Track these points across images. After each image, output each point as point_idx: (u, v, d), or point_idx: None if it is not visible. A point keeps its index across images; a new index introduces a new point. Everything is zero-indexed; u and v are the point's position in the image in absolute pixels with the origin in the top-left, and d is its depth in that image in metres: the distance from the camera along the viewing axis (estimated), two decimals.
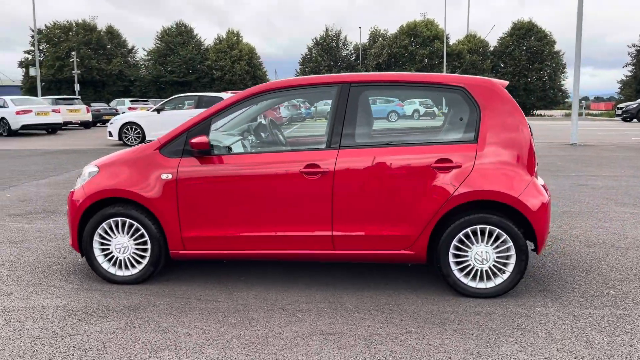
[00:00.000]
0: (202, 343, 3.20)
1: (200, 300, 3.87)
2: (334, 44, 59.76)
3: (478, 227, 3.83)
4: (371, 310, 3.70)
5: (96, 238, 4.16)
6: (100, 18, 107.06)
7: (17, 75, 61.87)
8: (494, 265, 3.88)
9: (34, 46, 56.87)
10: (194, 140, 3.91)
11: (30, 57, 57.16)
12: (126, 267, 4.18)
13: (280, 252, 4.03)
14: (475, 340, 3.24)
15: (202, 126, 4.05)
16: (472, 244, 3.87)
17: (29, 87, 55.70)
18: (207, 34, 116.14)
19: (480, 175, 3.81)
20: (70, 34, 56.80)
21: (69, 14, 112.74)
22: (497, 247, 3.85)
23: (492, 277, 3.89)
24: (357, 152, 3.92)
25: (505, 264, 3.87)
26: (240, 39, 58.21)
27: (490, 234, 3.84)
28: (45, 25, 56.89)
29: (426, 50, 55.15)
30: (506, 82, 4.11)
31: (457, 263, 3.91)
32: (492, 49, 57.17)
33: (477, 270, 3.89)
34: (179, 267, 4.58)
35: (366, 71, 57.19)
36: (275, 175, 3.95)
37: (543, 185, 4.15)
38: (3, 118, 21.38)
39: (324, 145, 3.97)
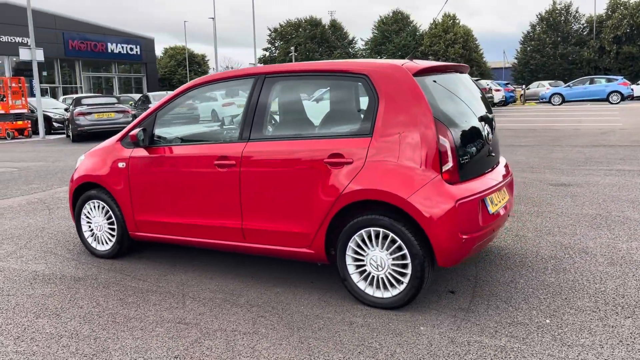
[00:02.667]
0: (80, 315, 3.59)
1: (134, 279, 4.27)
2: (562, 18, 53.94)
3: (371, 229, 3.46)
4: (255, 306, 3.65)
5: (82, 216, 4.87)
6: (338, 12, 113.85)
7: None
8: (390, 274, 3.47)
9: (270, 44, 63.81)
10: (130, 133, 4.32)
11: (267, 53, 64.36)
12: (102, 243, 4.81)
13: (204, 240, 4.19)
14: (302, 350, 3.01)
15: (148, 120, 4.41)
16: (368, 247, 3.52)
17: None
18: (427, 18, 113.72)
19: (371, 172, 3.43)
20: (300, 30, 62.13)
21: (314, 11, 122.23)
22: (393, 253, 3.43)
23: (388, 286, 3.48)
24: (261, 145, 3.85)
25: (402, 274, 3.43)
26: (457, 21, 56.49)
27: (386, 238, 3.44)
28: (280, 24, 63.28)
29: None
30: (421, 65, 3.56)
31: (358, 267, 3.59)
32: None
33: (373, 277, 3.53)
34: (159, 248, 5.04)
35: (600, 47, 50.51)
36: (197, 167, 4.11)
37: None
38: (213, 110, 24.79)
39: (237, 138, 3.99)
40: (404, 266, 3.41)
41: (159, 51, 66.87)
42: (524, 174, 8.27)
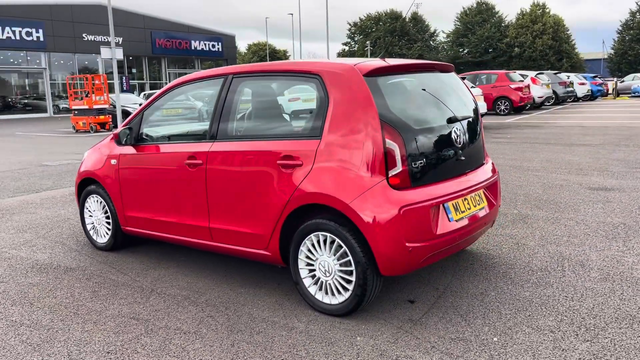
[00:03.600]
0: (49, 305, 3.77)
1: (118, 272, 4.43)
2: None
3: (320, 234, 3.38)
4: (210, 306, 3.67)
5: (85, 209, 5.13)
6: (425, 3, 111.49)
7: None
8: (337, 280, 3.37)
9: (349, 38, 63.83)
10: (114, 132, 4.48)
11: (347, 48, 64.41)
12: (101, 236, 5.03)
13: (179, 238, 4.27)
14: (229, 354, 3.00)
15: (136, 119, 4.56)
16: (317, 252, 3.43)
17: None
18: (514, 9, 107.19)
19: (318, 175, 3.34)
20: (380, 23, 61.59)
21: (400, 4, 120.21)
22: (340, 259, 3.33)
23: (335, 293, 3.39)
24: (225, 145, 3.86)
25: (348, 281, 3.32)
26: (547, 10, 53.54)
27: (333, 243, 3.34)
28: (360, 18, 63.09)
29: None
30: (376, 65, 3.39)
31: (310, 271, 3.52)
32: None
33: (322, 282, 3.45)
34: (155, 242, 5.19)
35: None
36: (172, 165, 4.19)
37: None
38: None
39: (206, 137, 4.02)
40: (350, 273, 3.30)
41: (243, 47, 68.76)
42: (567, 176, 7.72)
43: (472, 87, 15.73)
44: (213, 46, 45.36)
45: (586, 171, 8.12)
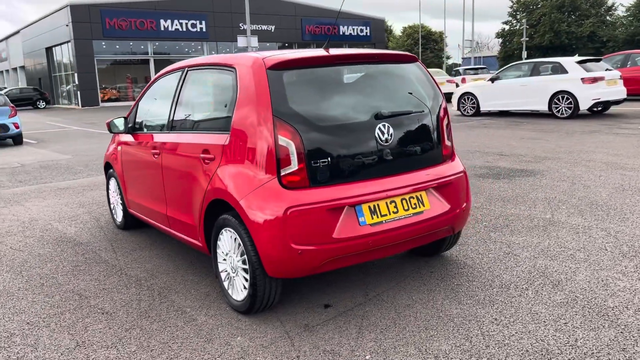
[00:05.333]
0: (31, 275, 4.25)
1: (110, 251, 4.80)
2: None
3: (228, 229, 3.35)
4: (147, 290, 3.84)
5: (109, 191, 5.64)
6: None
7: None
8: (240, 278, 3.33)
9: (511, 16, 59.80)
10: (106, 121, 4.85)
11: (507, 27, 60.36)
12: (118, 216, 5.49)
13: (154, 223, 4.51)
14: (115, 337, 3.14)
15: (133, 109, 4.88)
16: (226, 247, 3.41)
17: (503, 57, 59.42)
18: None
19: (223, 170, 3.32)
20: None
21: None
22: (241, 256, 3.28)
23: (238, 290, 3.35)
24: (173, 137, 3.98)
25: (247, 279, 3.25)
26: None
27: (236, 240, 3.30)
28: None
29: None
30: (289, 57, 3.19)
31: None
32: None
33: (231, 277, 3.42)
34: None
35: None
36: (145, 154, 4.43)
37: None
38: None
39: (166, 128, 4.17)
40: (247, 271, 3.23)
41: (398, 30, 68.03)
42: None
43: (607, 69, 13.79)
44: (361, 30, 45.64)
45: None
